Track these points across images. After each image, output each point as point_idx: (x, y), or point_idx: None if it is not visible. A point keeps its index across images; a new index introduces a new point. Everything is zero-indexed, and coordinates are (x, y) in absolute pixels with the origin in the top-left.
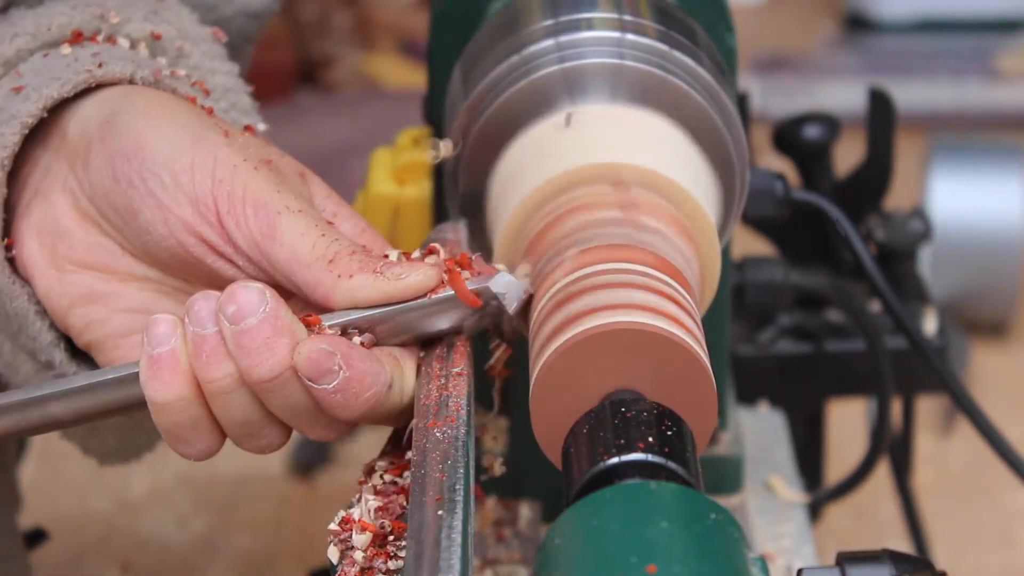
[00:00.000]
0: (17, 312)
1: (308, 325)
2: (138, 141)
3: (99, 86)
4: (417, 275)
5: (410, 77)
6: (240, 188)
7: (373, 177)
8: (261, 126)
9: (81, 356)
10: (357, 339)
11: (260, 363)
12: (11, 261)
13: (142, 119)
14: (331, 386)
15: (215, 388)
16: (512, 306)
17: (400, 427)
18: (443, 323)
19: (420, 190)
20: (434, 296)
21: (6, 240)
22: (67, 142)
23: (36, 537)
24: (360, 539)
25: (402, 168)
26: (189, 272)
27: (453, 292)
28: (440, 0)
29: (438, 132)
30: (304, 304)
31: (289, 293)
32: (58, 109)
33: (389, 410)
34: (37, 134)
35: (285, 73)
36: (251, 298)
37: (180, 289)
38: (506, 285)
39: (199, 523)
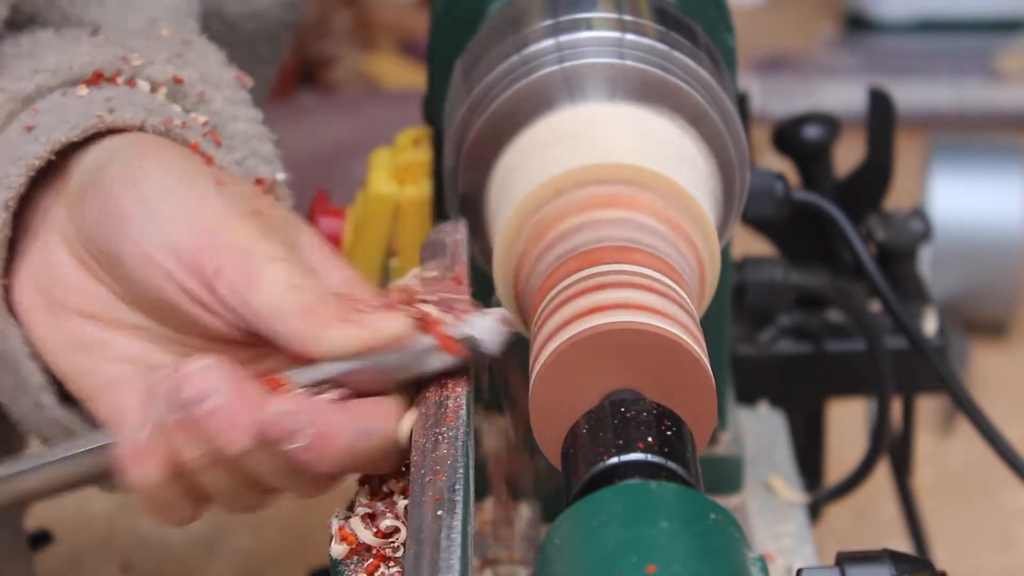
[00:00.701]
0: (9, 352)
1: (274, 387)
2: (127, 188)
3: (109, 131)
4: (390, 323)
5: (410, 77)
6: (224, 239)
7: (373, 177)
8: (280, 175)
9: (72, 400)
10: (329, 395)
11: (228, 442)
12: (7, 301)
13: (136, 165)
14: (302, 445)
15: (192, 466)
16: (493, 348)
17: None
18: (430, 367)
19: (420, 190)
20: (414, 346)
21: (3, 281)
22: (67, 187)
23: (41, 539)
24: (365, 535)
25: (402, 168)
26: (173, 319)
27: (434, 341)
28: (440, 0)
29: (438, 132)
30: (286, 357)
31: (271, 346)
32: (66, 152)
33: (373, 457)
34: (42, 176)
35: (285, 73)
36: (208, 378)
37: (172, 339)
38: (483, 330)
39: (199, 523)
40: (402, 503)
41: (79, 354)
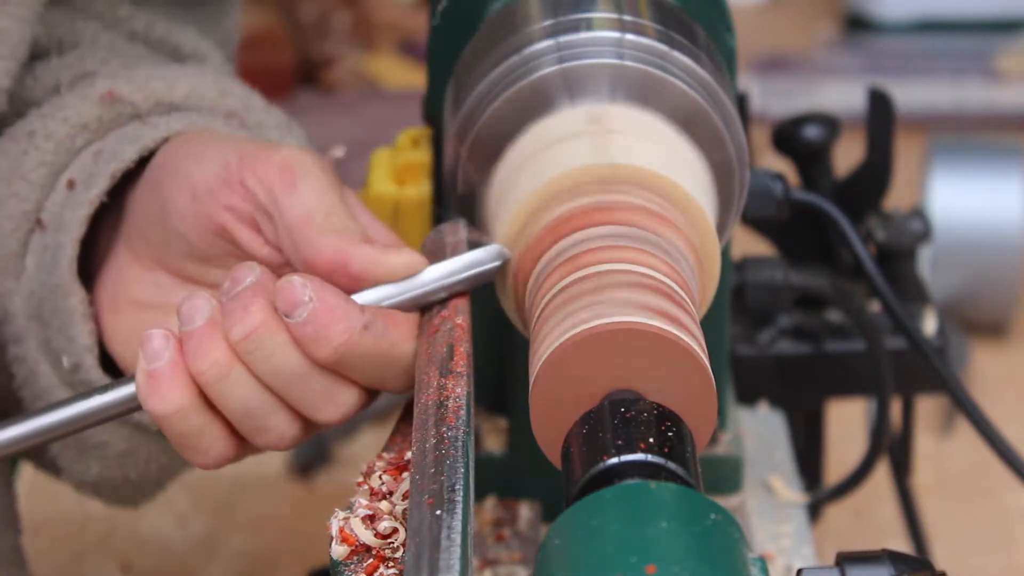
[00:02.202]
0: (66, 309)
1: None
2: (171, 152)
3: None
4: (411, 256)
5: (410, 77)
6: (268, 152)
7: (373, 177)
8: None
9: (106, 366)
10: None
11: (237, 321)
12: (82, 272)
13: (178, 140)
14: (302, 318)
15: (207, 378)
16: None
17: (404, 408)
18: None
19: (420, 190)
20: (469, 273)
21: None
22: (123, 207)
23: None
24: (365, 536)
25: (402, 168)
26: (226, 254)
27: (481, 270)
28: (440, 0)
29: (438, 132)
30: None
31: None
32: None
33: (372, 357)
34: (104, 216)
35: (285, 73)
36: (243, 270)
37: None
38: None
39: (199, 523)
40: (401, 505)
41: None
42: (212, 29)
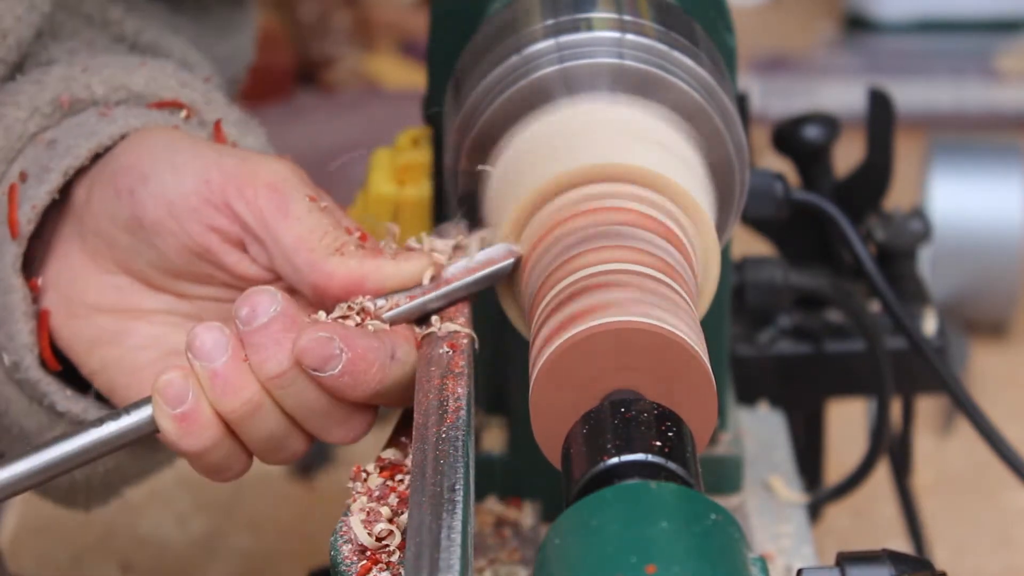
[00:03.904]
0: (6, 305)
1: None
2: (135, 153)
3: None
4: (418, 259)
5: (410, 77)
6: (251, 171)
7: (373, 177)
8: None
9: (58, 373)
10: (351, 322)
11: (268, 358)
12: (27, 268)
13: (140, 137)
14: (337, 371)
15: (237, 416)
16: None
17: (405, 409)
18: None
19: (420, 190)
20: (487, 271)
21: (31, 280)
22: (70, 199)
23: None
24: (363, 537)
25: (402, 168)
26: (201, 270)
27: (498, 267)
28: (440, 0)
29: (438, 132)
30: (306, 300)
31: (291, 288)
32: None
33: (396, 384)
34: (57, 205)
35: (285, 73)
36: (263, 299)
37: (191, 316)
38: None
39: (199, 523)
40: (397, 509)
41: (101, 348)
42: (214, 43)
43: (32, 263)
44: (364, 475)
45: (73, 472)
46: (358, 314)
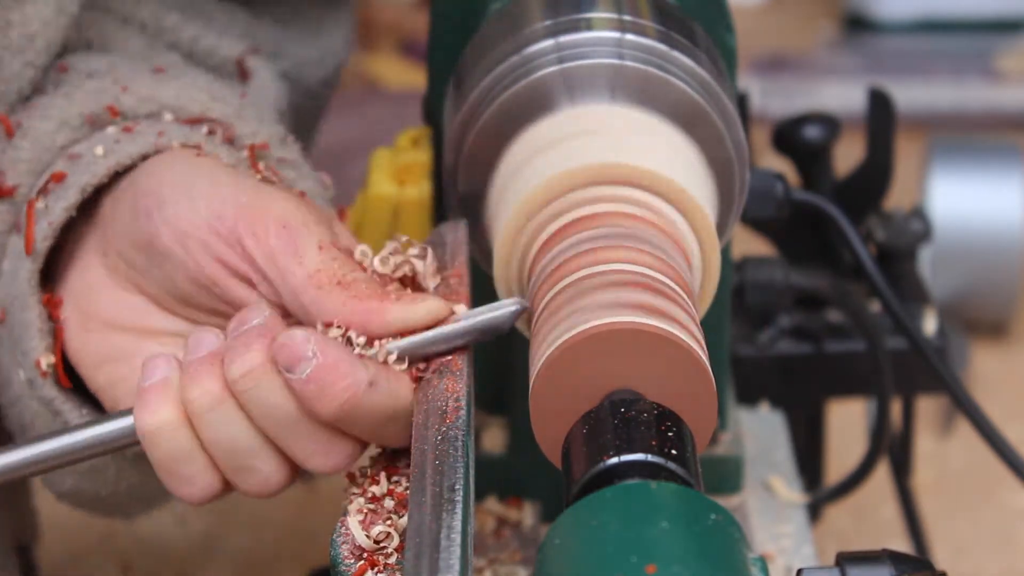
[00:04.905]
0: (23, 323)
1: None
2: (157, 176)
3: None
4: (432, 304)
5: (410, 77)
6: (264, 208)
7: (373, 178)
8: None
9: (70, 391)
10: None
11: (236, 358)
12: (48, 278)
13: (164, 160)
14: (305, 374)
15: (196, 407)
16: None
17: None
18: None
19: (420, 190)
20: (477, 320)
21: (50, 295)
22: (99, 213)
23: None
24: (360, 537)
25: (402, 168)
26: (209, 301)
27: (492, 317)
28: (440, 0)
29: (438, 132)
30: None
31: (294, 321)
32: (99, 194)
33: (376, 414)
34: (82, 212)
35: None
36: (251, 313)
37: None
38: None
39: (199, 523)
40: (395, 511)
41: (111, 364)
42: (299, 48)
43: (54, 273)
44: (359, 477)
45: (99, 488)
46: (343, 336)
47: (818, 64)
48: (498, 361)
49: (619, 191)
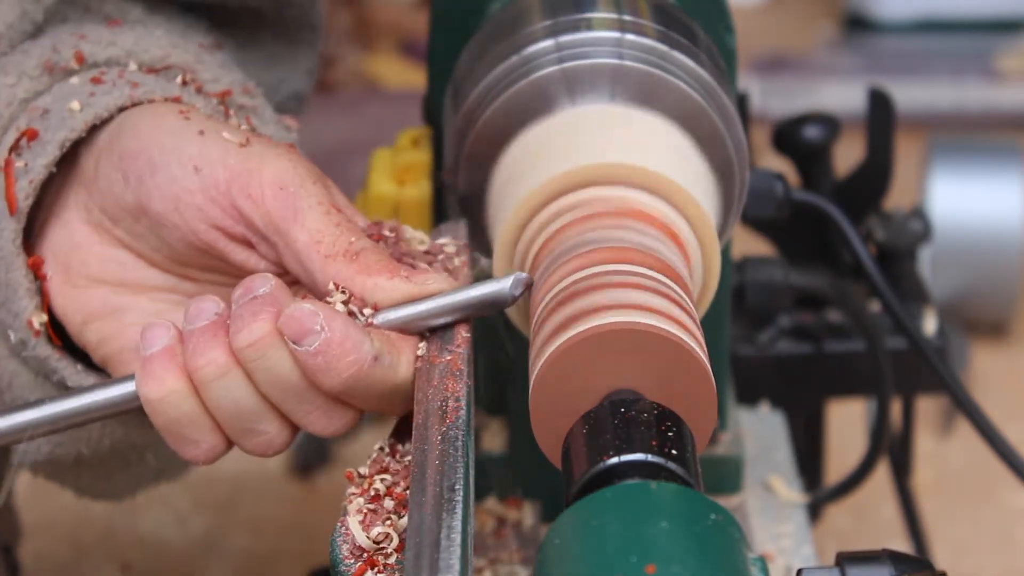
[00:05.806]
0: (9, 283)
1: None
2: (144, 138)
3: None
4: (440, 282)
5: (410, 77)
6: (256, 168)
7: (373, 177)
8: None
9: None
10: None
11: (244, 327)
12: (27, 234)
13: (148, 119)
14: (312, 347)
15: (202, 375)
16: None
17: (399, 416)
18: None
19: (420, 190)
20: (478, 293)
21: (33, 255)
22: (78, 166)
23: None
24: (360, 538)
25: (402, 168)
26: (205, 262)
27: (494, 287)
28: (440, 0)
29: (438, 132)
30: (308, 292)
31: (293, 280)
32: (77, 148)
33: (378, 387)
34: (60, 167)
35: None
36: (256, 282)
37: (194, 296)
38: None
39: (199, 523)
40: (391, 502)
41: (100, 321)
42: (258, 69)
43: (32, 229)
44: (358, 477)
45: (80, 447)
46: (346, 303)
47: (818, 64)
48: (498, 361)
49: (619, 191)
